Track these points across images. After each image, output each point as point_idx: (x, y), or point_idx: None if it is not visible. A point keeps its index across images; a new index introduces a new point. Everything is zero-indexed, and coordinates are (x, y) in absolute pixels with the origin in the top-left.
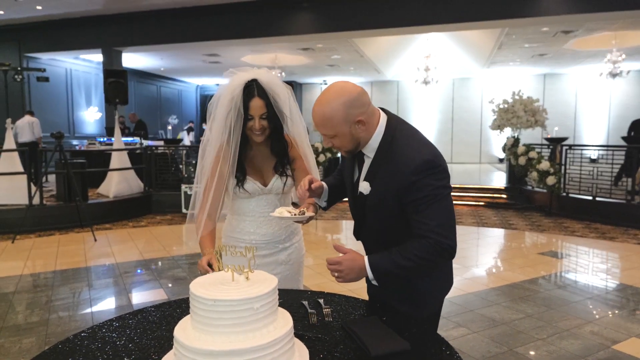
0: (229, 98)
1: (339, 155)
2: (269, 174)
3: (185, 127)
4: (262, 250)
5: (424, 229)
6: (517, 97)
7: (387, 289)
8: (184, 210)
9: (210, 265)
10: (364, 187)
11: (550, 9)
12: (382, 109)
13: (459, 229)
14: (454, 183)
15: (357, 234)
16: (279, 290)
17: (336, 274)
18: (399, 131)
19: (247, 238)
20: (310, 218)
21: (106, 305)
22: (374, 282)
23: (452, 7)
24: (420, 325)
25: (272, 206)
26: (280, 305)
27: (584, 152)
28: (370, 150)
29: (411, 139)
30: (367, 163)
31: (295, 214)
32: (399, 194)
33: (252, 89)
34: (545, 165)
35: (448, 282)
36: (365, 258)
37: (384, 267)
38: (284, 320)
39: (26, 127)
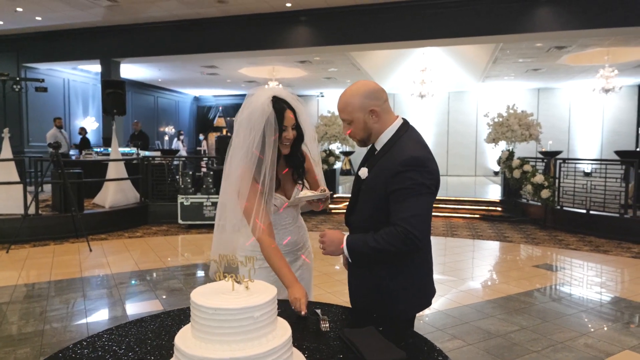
0: (260, 112)
1: (335, 166)
2: (289, 186)
3: (177, 137)
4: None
5: (397, 217)
6: (511, 111)
7: (362, 292)
8: (180, 221)
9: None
10: (363, 172)
11: (544, 25)
12: (403, 118)
13: (454, 242)
14: (449, 195)
15: (347, 219)
16: (279, 300)
17: (322, 246)
18: (408, 133)
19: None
20: (330, 196)
21: (101, 316)
22: (349, 259)
23: (447, 22)
24: (417, 335)
25: (291, 217)
26: (281, 315)
27: (577, 165)
28: (380, 144)
29: (414, 140)
30: (374, 154)
31: (314, 193)
32: (386, 182)
33: (282, 102)
34: (539, 178)
35: (422, 295)
36: (345, 236)
37: (356, 244)
38: (283, 330)
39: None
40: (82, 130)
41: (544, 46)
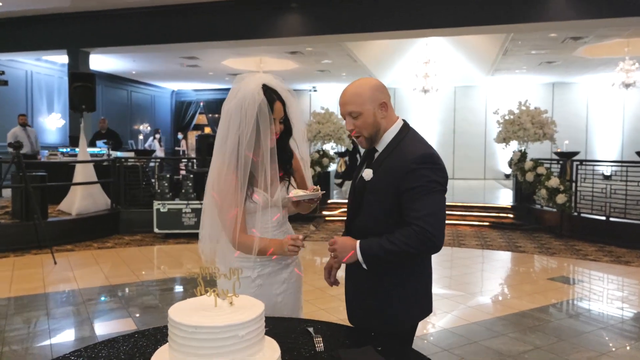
0: (251, 100)
1: (329, 169)
2: (275, 184)
3: (153, 135)
4: (266, 268)
5: (413, 216)
6: (523, 108)
7: (361, 302)
8: (155, 230)
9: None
10: (367, 173)
11: (558, 13)
12: (403, 120)
13: (461, 252)
14: (455, 201)
15: (350, 224)
16: (267, 318)
17: (332, 254)
18: (411, 134)
19: (254, 257)
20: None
21: (67, 336)
22: (364, 265)
23: (453, 10)
24: (420, 356)
25: (276, 220)
26: (270, 333)
27: (596, 167)
28: (382, 145)
29: (419, 140)
30: (375, 156)
31: (308, 192)
32: (397, 181)
33: (271, 91)
34: (554, 182)
35: (424, 303)
36: (358, 242)
37: (372, 248)
38: (271, 350)
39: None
40: (104, 123)
41: (558, 37)
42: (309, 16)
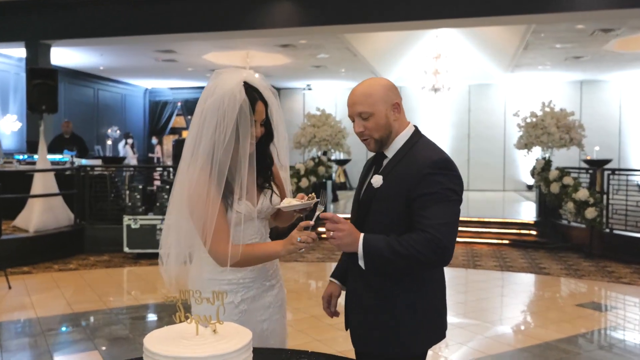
0: (230, 98)
1: (329, 179)
2: (253, 192)
3: (124, 140)
4: (250, 290)
5: (425, 223)
6: (547, 109)
7: (370, 332)
8: (126, 249)
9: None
10: (376, 180)
11: (585, 2)
12: (414, 125)
13: (477, 274)
14: (470, 216)
15: None
16: (255, 349)
17: (332, 233)
18: (423, 140)
19: (233, 277)
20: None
21: None
22: (360, 262)
23: None
24: None
25: (258, 233)
26: None
27: (630, 177)
28: (392, 151)
29: (433, 147)
30: (385, 162)
31: (302, 202)
32: (409, 187)
33: (253, 90)
34: (583, 194)
35: (437, 327)
36: (362, 233)
37: (377, 244)
38: None
39: None
40: (68, 126)
41: (586, 28)
42: (303, 4)
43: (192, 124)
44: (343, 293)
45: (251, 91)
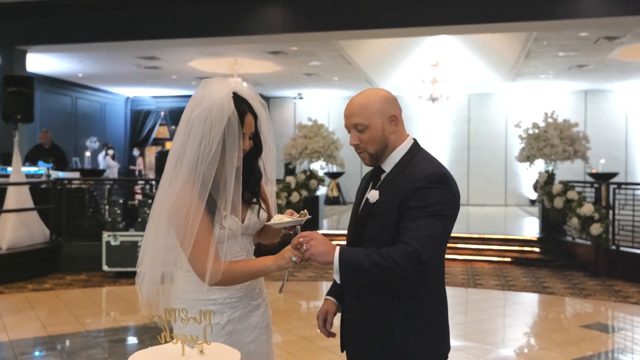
0: (218, 110)
1: (318, 193)
2: (242, 208)
3: (103, 151)
4: (237, 310)
5: (408, 235)
6: (550, 120)
7: (368, 354)
8: (105, 268)
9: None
10: (373, 195)
11: (589, 9)
12: (414, 138)
13: (477, 293)
14: (470, 232)
15: None
16: None
17: (304, 246)
18: (422, 153)
19: (219, 296)
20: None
21: None
22: (336, 276)
23: (465, 4)
24: None
25: (244, 251)
26: None
27: (638, 191)
28: (389, 165)
29: (431, 160)
30: (382, 176)
31: (294, 218)
32: (402, 201)
33: (242, 102)
34: (588, 209)
35: (439, 348)
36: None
37: (354, 255)
38: None
39: None
40: (46, 136)
41: (590, 36)
42: (295, 9)
43: (176, 134)
44: (338, 314)
45: (240, 103)
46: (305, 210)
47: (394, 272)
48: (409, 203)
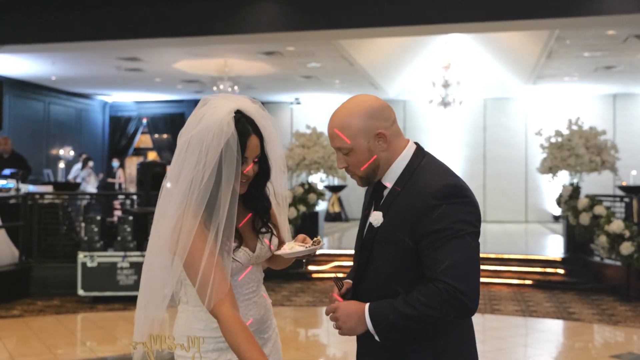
0: (216, 131)
1: (318, 208)
2: (250, 237)
3: (80, 163)
4: None
5: (435, 269)
6: (575, 128)
7: None
8: (80, 292)
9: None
10: (376, 217)
11: (616, 5)
12: (415, 142)
13: (495, 320)
14: (487, 252)
15: (356, 289)
16: None
17: (334, 325)
18: (427, 160)
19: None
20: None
21: None
22: (376, 337)
23: (481, 0)
24: None
25: (255, 283)
26: None
27: None
28: (390, 179)
29: (439, 167)
30: (384, 193)
31: (307, 247)
32: (413, 225)
33: (246, 122)
34: (617, 226)
35: None
36: (367, 304)
37: (384, 313)
38: None
39: None
40: (6, 143)
41: (618, 34)
42: (291, 5)
43: (174, 155)
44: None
45: (244, 123)
46: (319, 237)
47: (432, 318)
48: (426, 227)
